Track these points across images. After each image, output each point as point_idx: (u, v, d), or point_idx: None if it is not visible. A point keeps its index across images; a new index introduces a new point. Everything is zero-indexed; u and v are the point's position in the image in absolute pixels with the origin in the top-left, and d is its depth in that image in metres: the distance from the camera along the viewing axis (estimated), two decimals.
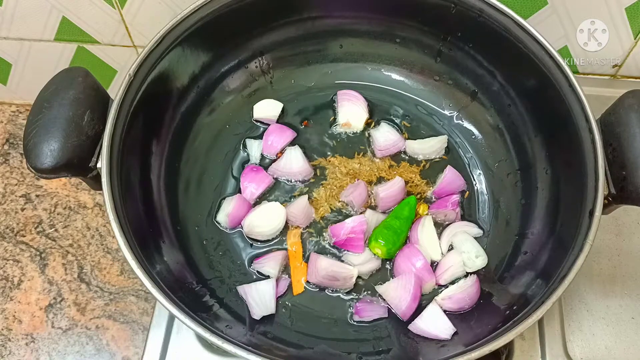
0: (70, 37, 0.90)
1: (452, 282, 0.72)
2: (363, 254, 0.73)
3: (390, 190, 0.76)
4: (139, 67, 0.66)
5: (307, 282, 0.72)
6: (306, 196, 0.76)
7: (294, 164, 0.77)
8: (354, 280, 0.71)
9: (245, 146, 0.81)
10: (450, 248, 0.74)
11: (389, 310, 0.70)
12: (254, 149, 0.80)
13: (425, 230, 0.74)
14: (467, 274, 0.72)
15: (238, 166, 0.80)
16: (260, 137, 0.81)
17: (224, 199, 0.77)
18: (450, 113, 0.84)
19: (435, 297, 0.70)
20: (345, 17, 0.81)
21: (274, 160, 0.79)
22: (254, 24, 0.79)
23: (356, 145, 0.82)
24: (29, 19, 0.87)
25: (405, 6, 0.78)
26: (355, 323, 0.70)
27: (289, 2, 0.78)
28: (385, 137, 0.80)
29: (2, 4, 0.85)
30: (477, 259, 0.72)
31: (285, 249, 0.74)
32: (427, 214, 0.76)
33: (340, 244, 0.73)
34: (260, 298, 0.69)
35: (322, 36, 0.83)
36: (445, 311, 0.68)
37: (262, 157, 0.80)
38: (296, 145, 0.79)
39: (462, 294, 0.69)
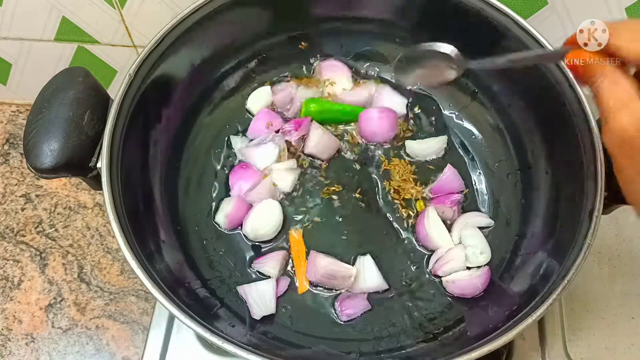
0: (70, 37, 0.90)
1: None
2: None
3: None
4: (139, 67, 0.66)
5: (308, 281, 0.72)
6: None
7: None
8: (352, 279, 0.71)
9: (230, 145, 0.80)
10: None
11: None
12: (238, 144, 0.79)
13: (431, 222, 0.73)
14: (468, 269, 0.72)
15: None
16: (244, 132, 0.81)
17: (223, 199, 0.77)
18: (450, 113, 0.84)
19: (443, 278, 0.71)
20: (346, 17, 0.81)
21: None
22: (254, 24, 0.79)
23: None
24: (29, 19, 0.87)
25: (405, 6, 0.78)
26: (343, 323, 0.70)
27: (289, 2, 0.78)
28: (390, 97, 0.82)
29: (2, 4, 0.85)
30: (481, 255, 0.72)
31: (286, 249, 0.74)
32: (429, 206, 0.75)
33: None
34: (260, 298, 0.69)
35: (322, 36, 0.83)
36: (447, 293, 0.70)
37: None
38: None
39: (466, 282, 0.69)
